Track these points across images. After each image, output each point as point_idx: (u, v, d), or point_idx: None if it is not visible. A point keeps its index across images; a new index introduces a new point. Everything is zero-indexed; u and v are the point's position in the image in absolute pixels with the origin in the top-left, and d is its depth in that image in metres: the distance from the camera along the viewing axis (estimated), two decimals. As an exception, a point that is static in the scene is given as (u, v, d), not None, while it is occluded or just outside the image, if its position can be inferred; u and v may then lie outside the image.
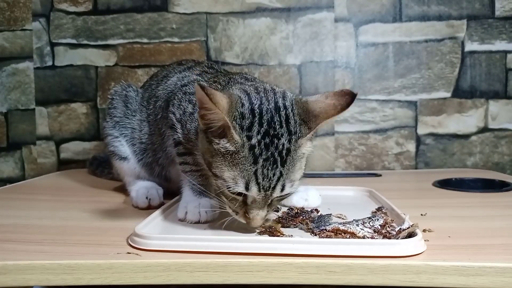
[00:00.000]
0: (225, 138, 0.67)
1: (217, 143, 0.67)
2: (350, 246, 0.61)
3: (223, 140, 0.67)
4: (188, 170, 0.85)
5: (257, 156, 0.66)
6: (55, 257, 0.62)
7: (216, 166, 0.68)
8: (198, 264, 0.60)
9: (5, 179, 1.55)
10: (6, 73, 1.53)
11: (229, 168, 0.67)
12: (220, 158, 0.67)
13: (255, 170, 0.66)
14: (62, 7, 1.51)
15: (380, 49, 1.48)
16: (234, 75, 0.88)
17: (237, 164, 0.66)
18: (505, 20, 1.45)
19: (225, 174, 0.67)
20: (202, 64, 1.01)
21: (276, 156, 0.66)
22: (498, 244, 0.67)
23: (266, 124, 0.67)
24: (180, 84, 0.93)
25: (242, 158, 0.66)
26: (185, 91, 0.88)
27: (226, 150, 0.67)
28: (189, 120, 0.83)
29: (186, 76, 0.95)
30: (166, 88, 0.96)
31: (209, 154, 0.70)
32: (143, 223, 0.71)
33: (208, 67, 0.99)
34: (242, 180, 0.66)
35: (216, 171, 0.68)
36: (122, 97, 1.04)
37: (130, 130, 1.02)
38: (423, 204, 0.93)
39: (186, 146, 0.85)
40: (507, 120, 1.47)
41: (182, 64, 1.03)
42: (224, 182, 0.67)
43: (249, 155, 0.66)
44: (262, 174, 0.66)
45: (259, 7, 1.48)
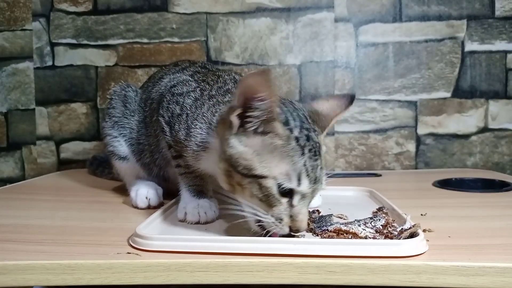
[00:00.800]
0: (267, 133, 0.65)
1: (263, 140, 0.65)
2: (351, 247, 0.61)
3: (268, 136, 0.65)
4: (182, 172, 0.85)
5: (303, 147, 0.65)
6: (55, 257, 0.62)
7: (262, 166, 0.64)
8: (198, 264, 0.60)
9: (5, 179, 1.55)
10: (6, 73, 1.53)
11: (281, 164, 0.64)
12: (266, 156, 0.65)
13: (304, 162, 0.65)
14: (62, 7, 1.51)
15: (380, 49, 1.48)
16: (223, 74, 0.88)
17: (287, 157, 0.65)
18: (505, 20, 1.45)
19: (276, 171, 0.64)
20: (196, 65, 1.00)
21: (316, 148, 0.67)
22: (498, 244, 0.67)
23: (298, 118, 0.68)
24: (169, 85, 0.92)
25: (291, 150, 0.65)
26: (173, 92, 0.87)
27: (274, 145, 0.65)
28: (177, 122, 0.82)
29: (177, 77, 0.94)
30: (158, 90, 0.96)
31: (247, 156, 0.66)
32: (144, 224, 0.71)
33: (201, 67, 0.99)
34: (294, 173, 0.64)
35: (263, 171, 0.64)
36: (121, 97, 1.04)
37: (129, 130, 1.02)
38: (423, 204, 0.93)
39: (176, 148, 0.84)
40: (507, 120, 1.47)
41: (177, 65, 1.03)
42: (274, 181, 0.64)
43: (296, 145, 0.65)
44: (310, 165, 0.65)
45: (259, 7, 1.48)
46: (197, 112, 0.80)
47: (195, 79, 0.90)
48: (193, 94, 0.84)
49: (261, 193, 0.65)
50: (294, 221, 0.65)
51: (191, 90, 0.85)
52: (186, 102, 0.83)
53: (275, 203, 0.65)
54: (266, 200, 0.65)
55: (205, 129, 0.77)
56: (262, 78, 0.62)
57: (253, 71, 0.64)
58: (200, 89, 0.85)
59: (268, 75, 0.62)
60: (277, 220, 0.65)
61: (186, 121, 0.81)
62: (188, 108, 0.82)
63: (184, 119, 0.81)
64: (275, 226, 0.65)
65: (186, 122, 0.81)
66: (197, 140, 0.78)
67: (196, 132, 0.78)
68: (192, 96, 0.84)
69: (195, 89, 0.85)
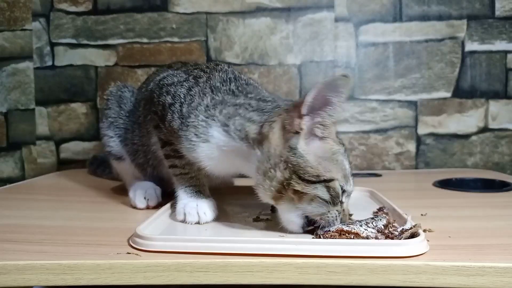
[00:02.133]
0: (326, 139, 0.69)
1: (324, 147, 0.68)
2: (352, 247, 0.61)
3: (326, 142, 0.69)
4: (178, 173, 0.84)
5: (345, 151, 0.71)
6: (55, 257, 0.62)
7: (328, 171, 0.67)
8: (198, 264, 0.60)
9: (5, 179, 1.55)
10: (6, 73, 1.53)
11: (337, 168, 0.69)
12: (327, 162, 0.68)
13: (347, 164, 0.70)
14: (62, 7, 1.51)
15: (380, 49, 1.47)
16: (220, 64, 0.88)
17: (340, 162, 0.69)
18: (505, 20, 1.45)
19: (338, 175, 0.68)
20: (188, 64, 0.99)
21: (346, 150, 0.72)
22: (498, 244, 0.67)
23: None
24: (157, 79, 0.91)
25: (341, 155, 0.70)
26: (162, 84, 0.86)
27: (332, 151, 0.69)
28: (169, 112, 0.80)
29: (165, 72, 0.94)
30: (149, 89, 0.95)
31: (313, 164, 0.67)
32: (144, 224, 0.71)
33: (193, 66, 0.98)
34: (347, 175, 0.70)
35: (332, 174, 0.67)
36: (117, 98, 1.05)
37: (124, 131, 1.02)
38: (423, 204, 0.93)
39: (172, 146, 0.82)
40: (507, 120, 1.47)
41: (171, 67, 1.02)
42: (338, 182, 0.68)
43: (343, 150, 0.70)
44: (349, 166, 0.71)
45: (259, 7, 1.48)
46: (195, 101, 0.78)
47: (183, 70, 0.89)
48: (186, 84, 0.83)
49: (329, 195, 0.67)
50: (344, 215, 0.70)
51: (183, 80, 0.84)
52: (179, 91, 0.81)
53: (337, 201, 0.68)
54: (332, 200, 0.68)
55: (210, 123, 0.76)
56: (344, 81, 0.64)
57: (333, 76, 0.66)
58: (194, 77, 0.84)
59: (349, 81, 0.64)
60: (339, 213, 0.69)
61: (180, 110, 0.79)
62: (181, 97, 0.80)
63: (178, 108, 0.80)
64: (335, 220, 0.69)
65: (180, 111, 0.79)
66: (197, 131, 0.76)
67: (196, 123, 0.77)
68: (185, 86, 0.82)
69: (187, 79, 0.84)
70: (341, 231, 0.67)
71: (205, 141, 0.76)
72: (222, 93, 0.79)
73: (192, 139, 0.77)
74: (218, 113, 0.76)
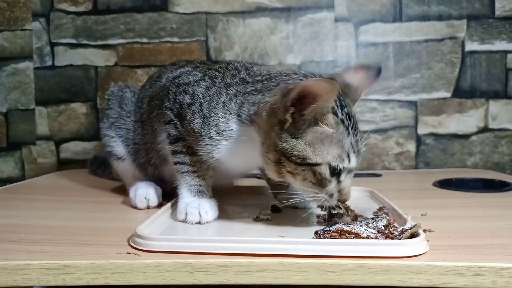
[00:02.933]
0: (319, 124, 0.69)
1: (314, 132, 0.69)
2: (352, 247, 0.61)
3: (319, 127, 0.69)
4: (185, 170, 0.84)
5: (347, 127, 0.70)
6: (55, 257, 0.62)
7: (315, 155, 0.68)
8: (198, 264, 0.60)
9: (5, 179, 1.55)
10: (6, 73, 1.53)
11: (332, 149, 0.69)
12: (318, 145, 0.69)
13: (350, 141, 0.70)
14: (62, 7, 1.51)
15: (380, 49, 1.47)
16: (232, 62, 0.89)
17: (337, 142, 0.69)
18: (505, 20, 1.45)
19: (329, 157, 0.69)
20: (194, 61, 1.00)
21: (355, 123, 0.72)
22: (498, 244, 0.67)
23: (337, 97, 0.70)
24: (171, 76, 0.92)
25: (340, 134, 0.69)
26: (178, 83, 0.86)
27: (325, 134, 0.69)
28: (189, 112, 0.81)
29: (178, 70, 0.94)
30: (158, 86, 0.96)
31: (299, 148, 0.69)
32: (144, 224, 0.71)
33: (200, 63, 0.99)
34: (344, 154, 0.70)
35: (317, 159, 0.69)
36: (118, 98, 1.05)
37: (125, 131, 1.02)
38: (423, 204, 0.93)
39: (185, 142, 0.83)
40: (507, 120, 1.47)
41: (175, 64, 1.02)
42: (326, 166, 0.69)
43: (343, 129, 0.70)
44: (354, 142, 0.71)
45: (259, 7, 1.48)
46: (214, 100, 0.79)
47: (198, 70, 0.89)
48: (203, 83, 0.83)
49: (315, 178, 0.70)
50: (341, 194, 0.72)
51: (199, 79, 0.85)
52: (198, 91, 0.82)
53: (326, 183, 0.70)
54: (318, 183, 0.70)
55: (228, 118, 0.77)
56: (327, 86, 0.64)
57: (317, 78, 0.67)
58: (209, 77, 0.84)
59: (334, 84, 0.64)
60: (329, 196, 0.71)
61: (200, 110, 0.80)
62: (200, 96, 0.81)
63: (198, 108, 0.80)
64: (326, 201, 0.72)
65: (200, 111, 0.80)
66: (219, 128, 0.77)
67: (217, 120, 0.78)
68: (202, 85, 0.83)
69: (203, 78, 0.85)
70: (341, 231, 0.67)
71: (227, 138, 0.77)
72: (234, 86, 0.80)
73: (215, 137, 0.78)
74: (233, 105, 0.78)
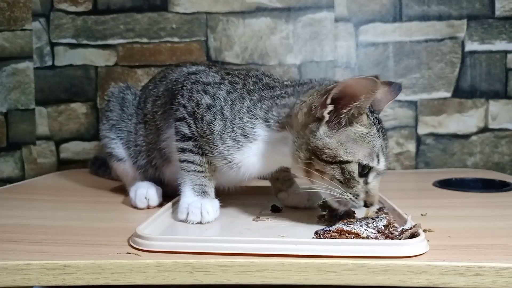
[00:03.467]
0: (353, 125, 0.71)
1: (348, 131, 0.71)
2: (352, 247, 0.61)
3: (353, 127, 0.71)
4: (192, 169, 0.83)
5: (379, 130, 0.72)
6: (55, 257, 0.62)
7: (347, 153, 0.70)
8: (198, 264, 0.60)
9: (5, 179, 1.55)
10: (6, 73, 1.53)
11: (363, 148, 0.71)
12: (350, 144, 0.70)
13: (380, 143, 0.72)
14: (62, 7, 1.51)
15: (380, 49, 1.47)
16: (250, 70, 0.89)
17: (369, 142, 0.71)
18: (505, 20, 1.45)
19: (360, 155, 0.70)
20: (202, 62, 1.00)
21: (383, 127, 0.74)
22: (498, 244, 0.67)
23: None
24: (186, 71, 0.91)
25: (372, 136, 0.71)
26: (196, 80, 0.86)
27: (359, 134, 0.71)
28: (208, 113, 0.81)
29: (192, 67, 0.93)
30: (167, 84, 0.94)
31: (332, 146, 0.70)
32: (144, 224, 0.71)
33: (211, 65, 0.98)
34: (374, 154, 0.71)
35: (348, 157, 0.70)
36: (119, 100, 1.04)
37: (126, 133, 1.01)
38: (423, 204, 0.93)
39: (196, 142, 0.82)
40: (507, 120, 1.47)
41: (180, 66, 1.02)
42: (356, 165, 0.70)
43: (375, 130, 0.72)
44: (384, 145, 0.73)
45: (259, 7, 1.48)
46: (237, 105, 0.80)
47: (214, 71, 0.89)
48: (223, 87, 0.83)
49: (343, 176, 0.71)
50: (368, 196, 0.72)
51: (219, 82, 0.85)
52: (219, 94, 0.82)
53: (354, 183, 0.71)
54: (346, 182, 0.71)
55: (254, 122, 0.78)
56: (371, 84, 0.66)
57: (360, 77, 0.67)
58: (230, 82, 0.84)
59: (377, 82, 0.66)
60: (354, 196, 0.71)
61: (221, 113, 0.80)
62: (222, 100, 0.81)
63: (219, 110, 0.80)
64: (352, 202, 0.72)
65: (221, 114, 0.80)
66: (244, 132, 0.78)
67: (242, 124, 0.78)
68: (223, 88, 0.83)
69: (223, 82, 0.84)
70: (341, 231, 0.67)
71: (253, 141, 0.79)
72: (258, 91, 0.82)
73: (239, 140, 0.79)
74: (259, 110, 0.79)
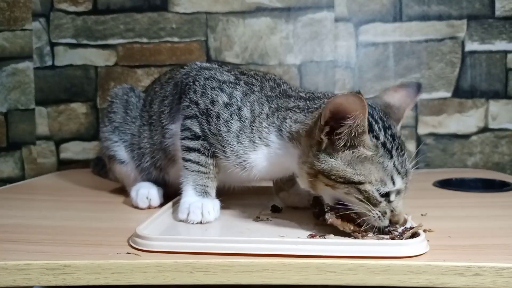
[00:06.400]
0: (356, 147, 0.67)
1: (352, 154, 0.67)
2: (352, 247, 0.61)
3: (356, 149, 0.67)
4: (195, 169, 0.82)
5: (391, 150, 0.68)
6: (55, 257, 0.62)
7: (357, 174, 0.67)
8: (198, 265, 0.60)
9: (5, 179, 1.55)
10: (6, 73, 1.53)
11: (373, 171, 0.67)
12: (358, 166, 0.67)
13: (393, 163, 0.68)
14: (62, 7, 1.51)
15: (380, 49, 1.47)
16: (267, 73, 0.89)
17: (377, 164, 0.67)
18: (505, 20, 1.45)
19: (372, 177, 0.67)
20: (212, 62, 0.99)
21: (401, 143, 0.70)
22: (498, 244, 0.67)
23: (379, 119, 0.70)
24: (199, 65, 0.90)
25: (380, 157, 0.67)
26: (210, 76, 0.84)
27: (364, 156, 0.67)
28: (226, 112, 0.80)
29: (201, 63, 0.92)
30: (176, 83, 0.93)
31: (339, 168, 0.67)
32: (144, 224, 0.71)
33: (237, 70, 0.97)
34: (387, 177, 0.67)
35: (360, 178, 0.67)
36: (123, 102, 1.02)
37: (130, 136, 1.00)
38: (423, 204, 0.92)
39: (205, 142, 0.81)
40: (507, 120, 1.47)
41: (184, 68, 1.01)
42: (372, 186, 0.66)
43: (384, 152, 0.67)
44: (399, 163, 0.68)
45: (259, 6, 1.48)
46: (257, 109, 0.79)
47: (226, 70, 0.88)
48: (239, 87, 0.82)
49: (362, 195, 0.67)
50: (393, 215, 0.68)
51: (234, 81, 0.84)
52: (235, 93, 0.81)
53: (377, 202, 0.67)
54: (368, 201, 0.67)
55: (270, 129, 0.78)
56: (355, 100, 0.63)
57: (344, 93, 0.66)
58: (246, 83, 0.83)
59: (361, 98, 0.63)
60: (382, 214, 0.68)
61: (238, 113, 0.79)
62: (239, 100, 0.80)
63: (236, 110, 0.80)
64: (379, 220, 0.68)
65: (238, 114, 0.79)
66: (261, 135, 0.78)
67: (261, 128, 0.78)
68: (239, 89, 0.82)
69: (238, 82, 0.84)
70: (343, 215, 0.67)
71: (267, 145, 0.78)
72: (275, 99, 0.81)
73: (256, 141, 0.78)
74: (276, 119, 0.78)
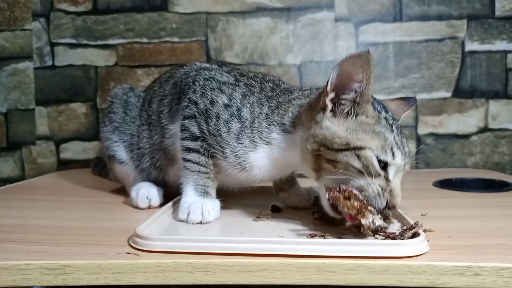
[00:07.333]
0: (359, 115, 0.69)
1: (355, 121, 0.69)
2: (352, 247, 0.61)
3: (359, 117, 0.69)
4: (196, 170, 0.82)
5: (391, 125, 0.70)
6: (55, 257, 0.62)
7: (358, 139, 0.68)
8: (198, 265, 0.60)
9: (5, 179, 1.55)
10: (6, 73, 1.53)
11: (374, 139, 0.68)
12: (360, 132, 0.68)
13: (394, 137, 0.69)
14: (62, 7, 1.51)
15: (380, 49, 1.47)
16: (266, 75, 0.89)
17: (379, 133, 0.68)
18: (505, 20, 1.45)
19: (373, 145, 0.67)
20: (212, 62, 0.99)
21: (399, 126, 0.72)
22: (498, 244, 0.67)
23: (381, 105, 0.73)
24: (199, 66, 0.90)
25: (382, 127, 0.69)
26: (210, 77, 0.85)
27: (366, 124, 0.69)
28: (226, 113, 0.80)
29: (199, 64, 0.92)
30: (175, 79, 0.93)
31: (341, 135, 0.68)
32: (144, 224, 0.71)
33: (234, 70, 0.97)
34: (387, 147, 0.68)
35: (361, 143, 0.67)
36: (122, 102, 1.03)
37: (129, 136, 1.00)
38: (423, 204, 0.92)
39: (204, 143, 0.82)
40: (507, 120, 1.47)
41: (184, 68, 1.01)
42: (372, 152, 0.67)
43: (386, 124, 0.70)
44: (399, 140, 0.70)
45: (259, 6, 1.48)
46: (256, 110, 0.80)
47: (225, 71, 0.88)
48: (239, 89, 0.83)
49: (361, 163, 0.67)
50: (392, 196, 0.68)
51: (233, 83, 0.84)
52: (235, 95, 0.82)
53: (376, 172, 0.67)
54: (366, 170, 0.66)
55: (271, 128, 0.78)
56: (362, 60, 0.64)
57: (353, 53, 0.66)
58: (245, 84, 0.84)
59: (369, 57, 0.64)
60: (382, 190, 0.67)
61: (238, 114, 0.80)
62: (238, 101, 0.81)
63: (236, 111, 0.80)
64: (378, 197, 0.67)
65: (238, 115, 0.80)
66: (262, 135, 0.78)
67: (260, 128, 0.79)
68: (238, 90, 0.82)
69: (238, 83, 0.84)
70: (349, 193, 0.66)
71: (268, 143, 0.78)
72: (276, 98, 0.81)
73: (256, 141, 0.79)
74: (276, 116, 0.79)
